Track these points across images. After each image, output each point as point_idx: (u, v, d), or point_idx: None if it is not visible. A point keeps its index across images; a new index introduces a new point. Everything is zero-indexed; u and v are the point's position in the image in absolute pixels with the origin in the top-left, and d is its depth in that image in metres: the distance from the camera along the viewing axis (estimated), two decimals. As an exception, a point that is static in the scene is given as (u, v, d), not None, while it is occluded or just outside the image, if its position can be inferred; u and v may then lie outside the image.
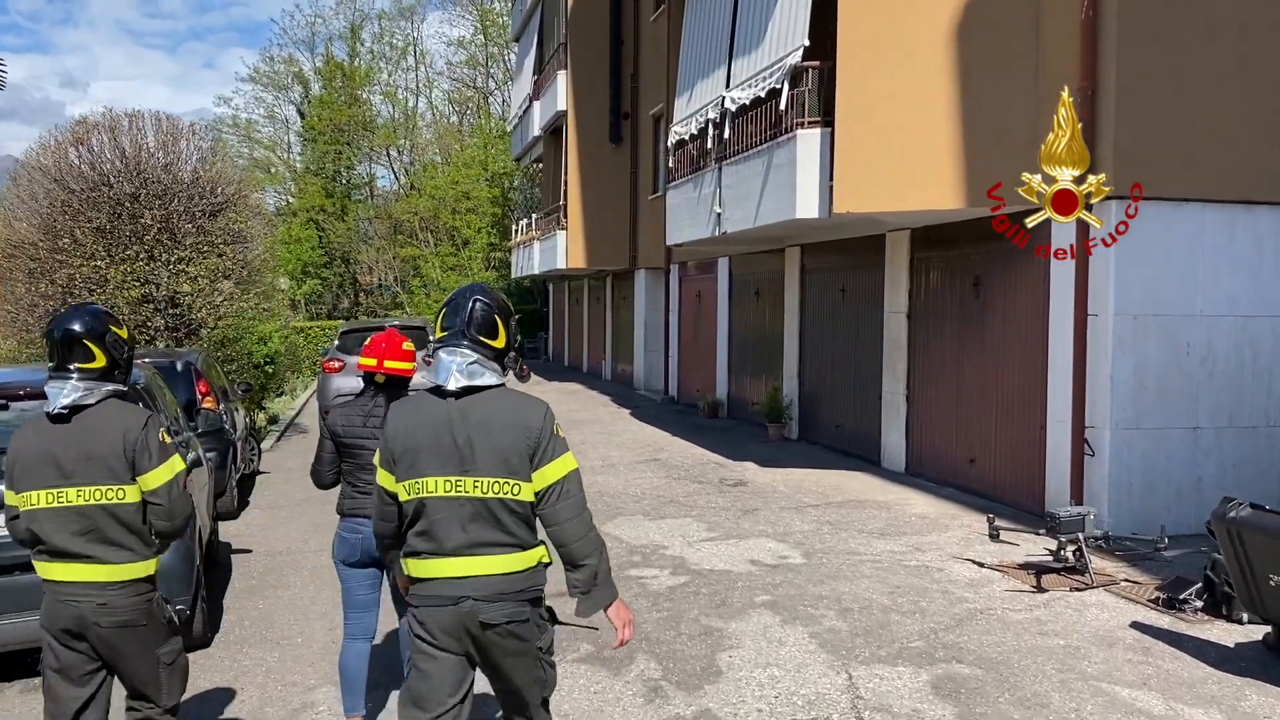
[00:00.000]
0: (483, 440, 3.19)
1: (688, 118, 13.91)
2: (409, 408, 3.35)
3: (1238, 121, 8.56)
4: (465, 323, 3.29)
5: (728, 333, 17.28)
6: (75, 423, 3.53)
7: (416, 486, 3.23)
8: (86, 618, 3.48)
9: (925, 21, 9.50)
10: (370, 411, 4.68)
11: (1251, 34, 8.58)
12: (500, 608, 3.18)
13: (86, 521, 3.48)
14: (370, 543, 4.43)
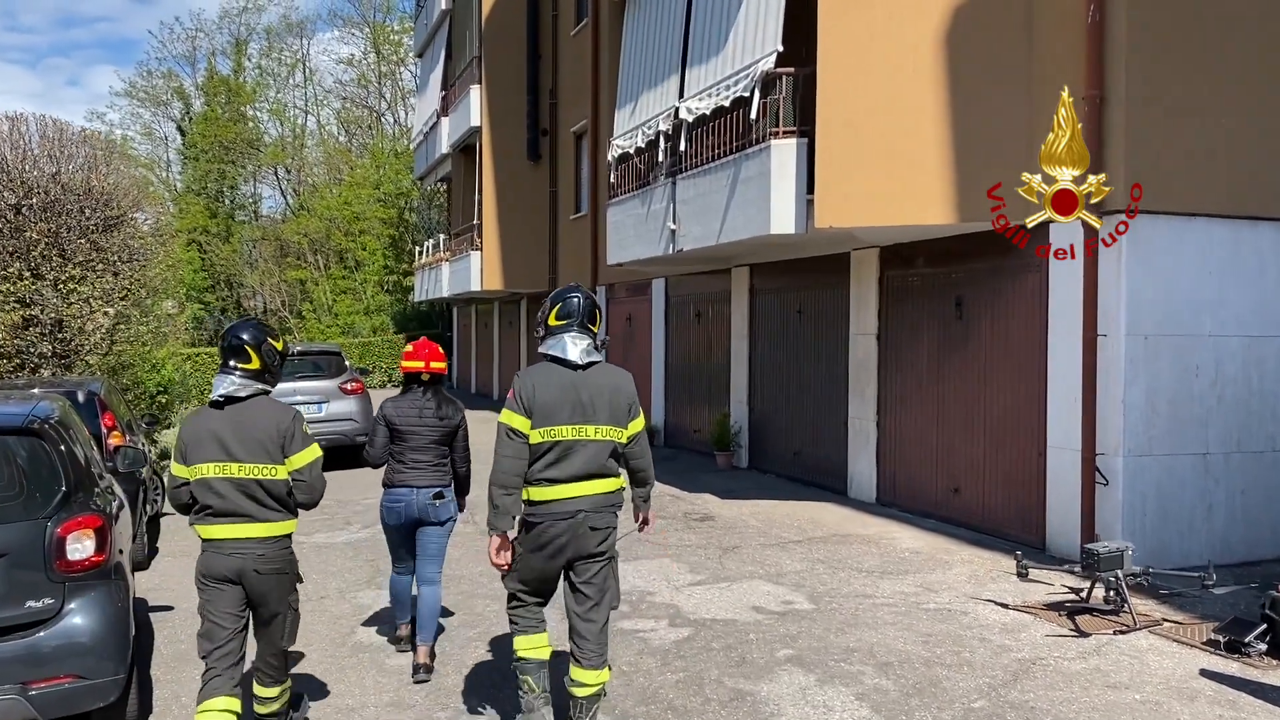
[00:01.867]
0: (600, 401, 4.60)
1: (632, 130, 13.16)
2: (541, 376, 4.60)
3: (1244, 134, 8.26)
4: (581, 314, 4.67)
5: (664, 357, 16.54)
6: (231, 412, 4.49)
7: (551, 433, 4.51)
8: (246, 567, 4.42)
9: (911, 27, 8.98)
10: (422, 405, 6.00)
11: (1261, 47, 8.29)
12: (601, 516, 4.60)
13: (246, 490, 4.43)
14: (409, 510, 5.95)
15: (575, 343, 4.62)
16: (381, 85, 47.04)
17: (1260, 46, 8.28)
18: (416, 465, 5.94)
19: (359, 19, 48.03)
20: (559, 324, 4.67)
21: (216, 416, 4.48)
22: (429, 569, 6.00)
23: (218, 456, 4.40)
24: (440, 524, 6.01)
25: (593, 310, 4.71)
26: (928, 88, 8.94)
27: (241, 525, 4.42)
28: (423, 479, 5.95)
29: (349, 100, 47.66)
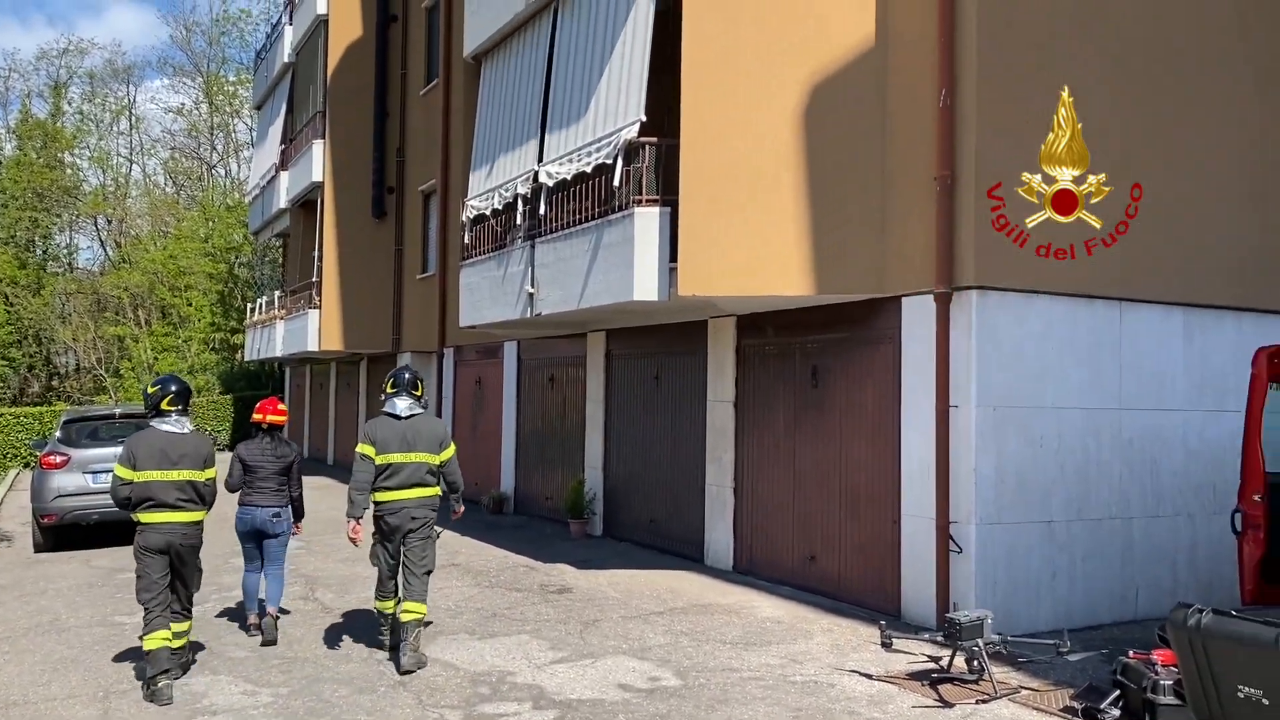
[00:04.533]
0: (419, 438, 7.59)
1: (489, 192, 12.98)
2: (382, 423, 7.62)
3: (1082, 217, 8.73)
4: (406, 385, 7.78)
5: (515, 422, 16.22)
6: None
7: (387, 458, 7.49)
8: (174, 541, 6.94)
9: (772, 105, 9.19)
10: (265, 447, 8.46)
11: (1098, 132, 8.82)
12: (420, 510, 7.52)
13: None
14: (254, 521, 8.31)
15: (401, 401, 7.72)
16: (214, 136, 45.35)
17: (1103, 135, 8.81)
18: (261, 490, 8.35)
19: (191, 68, 46.33)
20: (392, 391, 7.79)
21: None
22: (274, 567, 8.45)
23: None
24: (278, 535, 8.40)
25: (415, 381, 7.85)
26: (787, 163, 9.14)
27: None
28: (265, 500, 8.34)
29: (178, 150, 45.70)
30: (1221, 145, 9.49)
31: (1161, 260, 9.13)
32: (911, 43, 8.88)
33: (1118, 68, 8.93)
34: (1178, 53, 9.27)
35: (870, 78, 9.16)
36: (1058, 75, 8.60)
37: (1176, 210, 9.20)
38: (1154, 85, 9.12)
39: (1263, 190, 9.70)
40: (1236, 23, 9.60)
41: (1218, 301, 9.43)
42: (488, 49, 13.96)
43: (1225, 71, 9.53)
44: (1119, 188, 8.82)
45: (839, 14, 9.18)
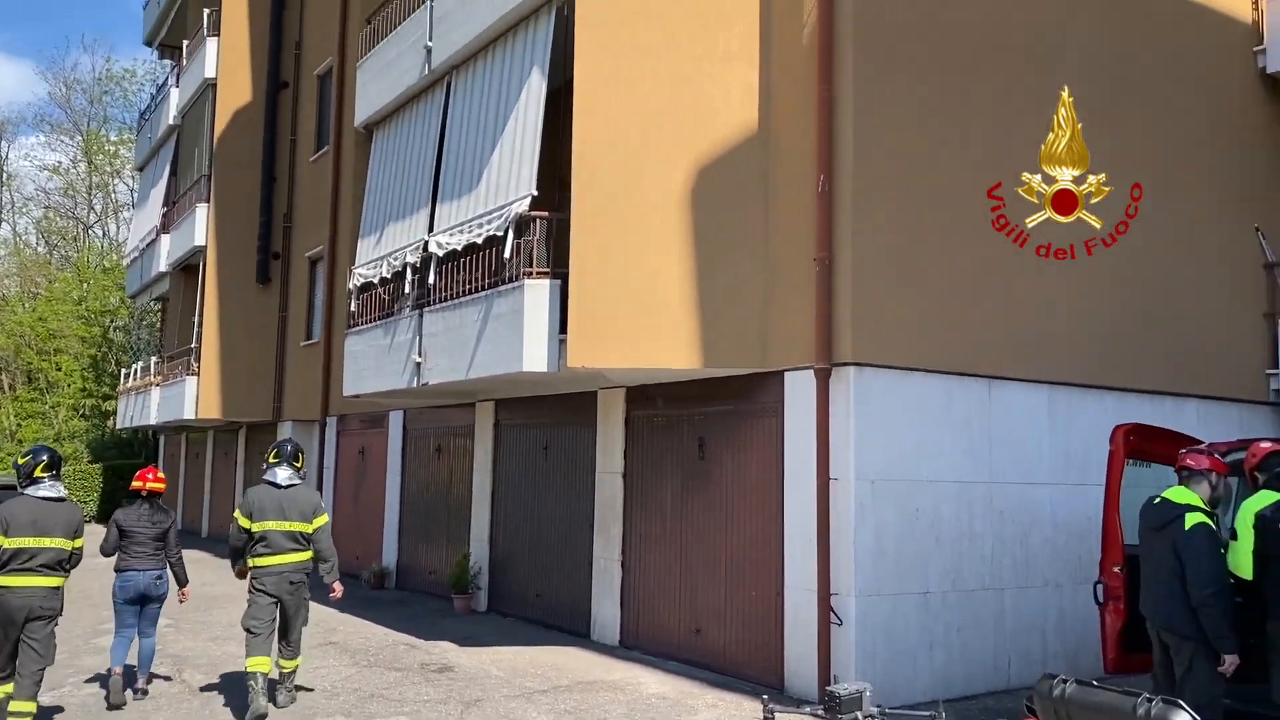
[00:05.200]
0: (294, 507, 8.24)
1: (377, 260, 12.89)
2: (261, 491, 8.30)
3: (952, 298, 9.15)
4: (288, 456, 8.47)
5: (400, 493, 15.90)
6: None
7: (264, 525, 8.16)
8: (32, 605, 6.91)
9: (662, 182, 9.42)
10: (142, 513, 8.80)
11: (966, 218, 9.29)
12: (295, 574, 8.21)
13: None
14: (138, 586, 8.58)
15: (282, 471, 8.39)
16: (92, 196, 43.96)
17: (969, 219, 9.28)
18: (139, 555, 8.62)
19: (70, 126, 44.97)
20: (275, 461, 8.45)
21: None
22: (149, 628, 8.77)
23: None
24: (160, 598, 8.75)
25: (297, 453, 8.56)
26: (675, 240, 9.35)
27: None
28: (145, 565, 8.63)
29: (52, 209, 44.10)
30: (1075, 228, 10.05)
31: (1026, 340, 9.59)
32: (793, 131, 9.24)
33: (977, 159, 9.41)
34: (1036, 148, 9.82)
35: (755, 162, 9.49)
36: (925, 163, 9.07)
37: (1037, 291, 9.69)
38: (1013, 174, 9.65)
39: (1116, 272, 10.29)
40: (1092, 127, 10.25)
41: (1079, 380, 9.93)
42: (380, 119, 13.99)
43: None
44: (975, 268, 9.28)
45: (725, 101, 9.51)
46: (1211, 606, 5.95)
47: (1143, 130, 10.59)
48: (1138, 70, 10.64)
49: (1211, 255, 11.16)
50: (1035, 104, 9.83)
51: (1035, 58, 9.85)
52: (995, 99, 9.59)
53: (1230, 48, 11.58)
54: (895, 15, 9.06)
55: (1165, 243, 10.71)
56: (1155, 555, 6.35)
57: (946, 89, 9.31)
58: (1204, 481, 6.31)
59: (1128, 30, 10.61)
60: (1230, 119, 11.48)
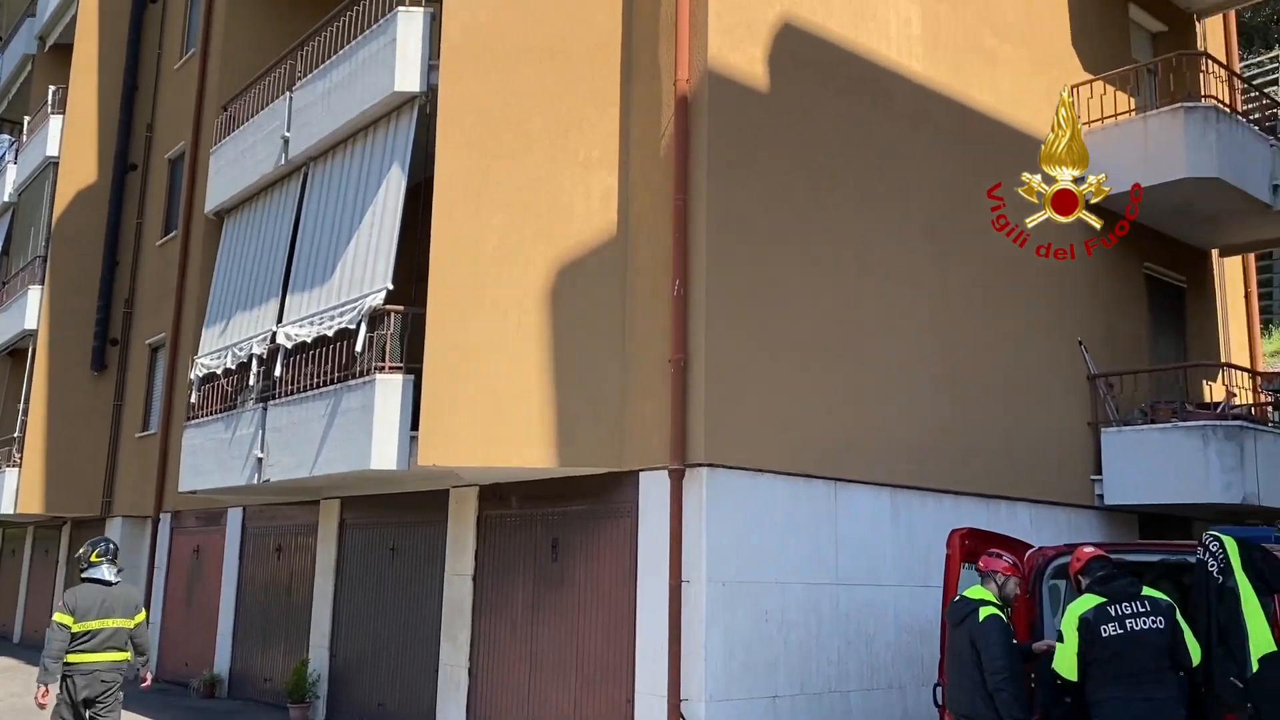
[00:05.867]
0: (117, 604, 8.29)
1: (222, 350, 12.44)
2: (84, 590, 8.23)
3: (802, 401, 9.41)
4: (110, 554, 8.48)
5: (236, 595, 15.06)
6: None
7: (86, 624, 8.07)
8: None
9: (520, 281, 9.45)
10: None
11: (817, 326, 9.61)
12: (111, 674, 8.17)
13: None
14: None
15: (105, 569, 8.40)
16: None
17: (816, 326, 9.61)
18: None
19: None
20: (97, 560, 8.44)
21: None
22: None
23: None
24: None
25: (116, 552, 8.60)
26: (532, 338, 9.36)
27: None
28: None
29: None
30: (916, 339, 10.55)
31: (869, 443, 9.91)
32: (650, 236, 9.45)
33: (823, 270, 9.83)
34: (877, 260, 10.33)
35: (613, 263, 9.63)
36: (775, 271, 9.40)
37: (878, 397, 10.07)
38: (857, 286, 10.10)
39: (951, 380, 10.79)
40: (929, 241, 10.86)
41: (920, 483, 10.29)
42: (233, 206, 13.69)
43: (918, 278, 10.70)
44: (821, 373, 9.61)
45: (585, 204, 9.67)
46: (1004, 690, 6.43)
47: (978, 247, 11.26)
48: (973, 192, 11.33)
49: (1042, 366, 11.85)
50: (883, 217, 10.37)
51: (883, 175, 10.43)
52: (846, 211, 10.06)
53: (1052, 175, 12.49)
54: (750, 130, 9.46)
55: (998, 354, 11.34)
56: (956, 649, 6.85)
57: (799, 201, 9.72)
58: (992, 581, 6.96)
59: (962, 154, 11.35)
60: (1055, 239, 12.31)
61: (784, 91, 9.74)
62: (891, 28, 10.77)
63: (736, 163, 9.33)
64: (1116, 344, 12.85)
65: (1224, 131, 12.00)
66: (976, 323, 11.17)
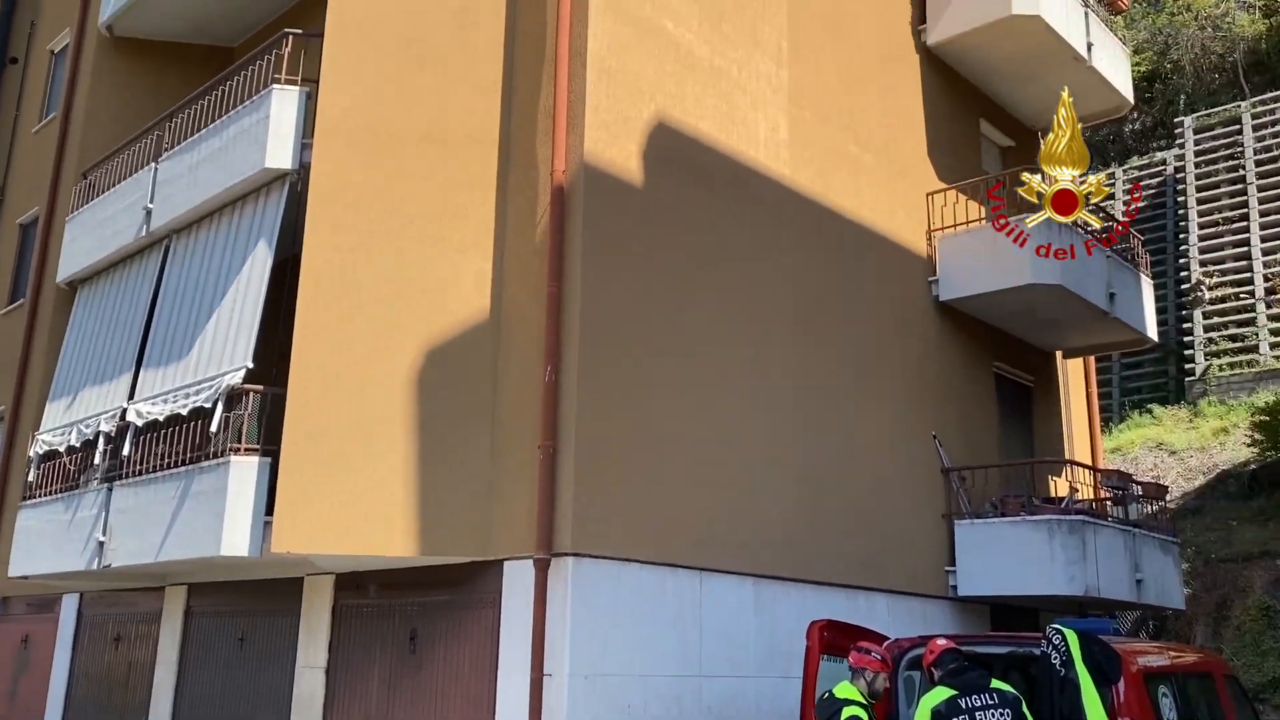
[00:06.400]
0: None
1: (67, 426, 11.82)
2: None
3: (669, 490, 9.46)
4: None
5: (66, 689, 14.03)
6: None
7: None
8: None
9: (388, 363, 9.32)
10: None
11: (686, 412, 9.73)
12: None
13: None
14: None
15: None
16: None
17: (684, 416, 9.73)
18: None
19: None
20: None
21: None
22: None
23: None
24: None
25: None
26: (398, 422, 9.20)
27: None
28: None
29: None
30: (781, 431, 10.79)
31: (733, 533, 10.01)
32: (523, 321, 9.47)
33: (692, 361, 10.00)
34: (744, 354, 10.58)
35: (485, 348, 9.59)
36: (646, 361, 9.53)
37: (744, 487, 10.22)
38: (724, 378, 10.31)
39: (814, 471, 11.05)
40: (793, 336, 11.21)
41: (782, 573, 10.42)
42: (87, 276, 13.18)
43: (783, 372, 11.00)
44: (689, 463, 9.73)
45: (458, 288, 9.64)
46: None
47: (839, 344, 11.68)
48: (835, 291, 11.82)
49: (900, 460, 12.25)
50: (751, 312, 10.65)
51: (751, 271, 10.75)
52: (715, 305, 10.29)
53: (911, 276, 13.12)
54: (623, 222, 9.63)
55: (860, 447, 11.68)
56: None
57: (670, 294, 9.90)
58: (861, 678, 7.07)
59: (825, 254, 11.82)
60: (912, 338, 12.89)
61: (657, 187, 10.00)
62: (761, 132, 11.23)
63: (610, 253, 9.49)
64: (970, 439, 13.42)
65: (1066, 240, 12.83)
66: (839, 416, 11.52)
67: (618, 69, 9.73)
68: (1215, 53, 30.48)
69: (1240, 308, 23.69)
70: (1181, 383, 23.70)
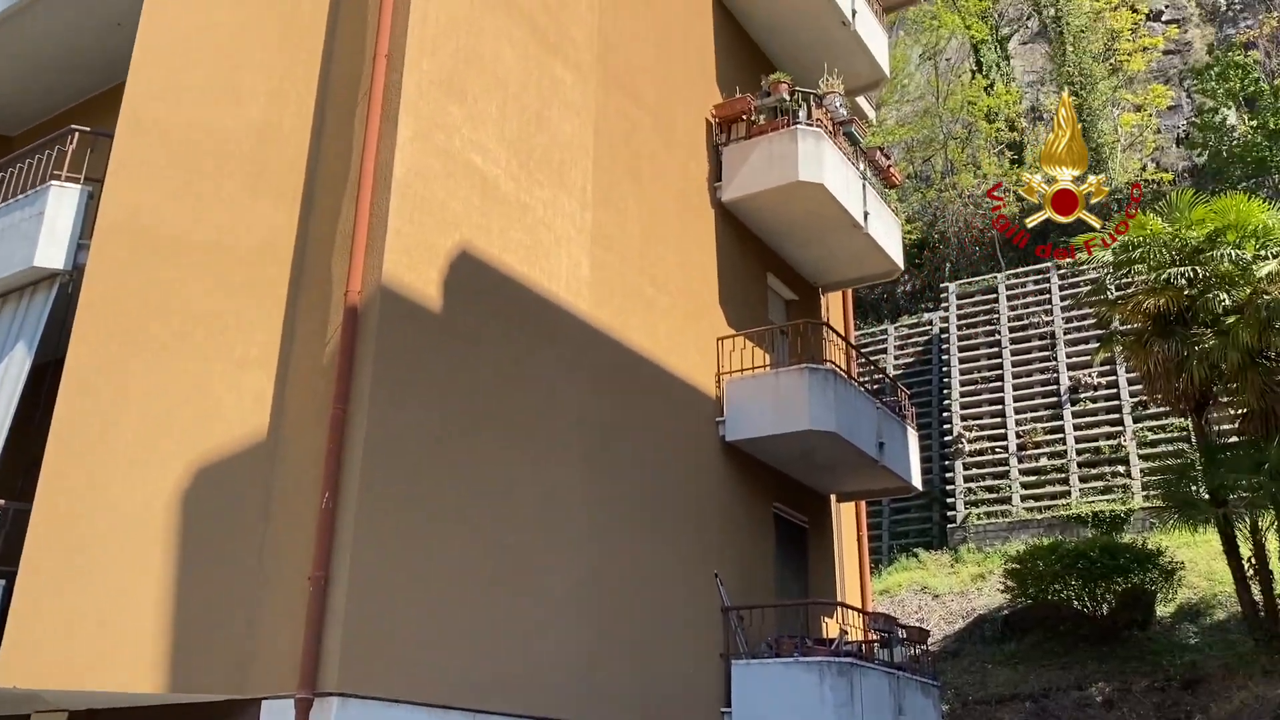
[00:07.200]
0: None
1: None
2: None
3: (443, 627, 9.15)
4: None
5: None
6: None
7: None
8: None
9: (149, 481, 8.72)
10: None
11: (464, 553, 9.51)
12: None
13: None
14: None
15: None
16: None
17: (467, 551, 9.51)
18: None
19: None
20: None
21: None
22: None
23: None
24: None
25: None
26: (156, 545, 8.57)
27: None
28: None
29: None
30: (565, 569, 10.72)
31: (511, 673, 9.75)
32: (303, 445, 9.10)
33: (479, 495, 9.84)
34: (532, 489, 10.53)
35: (259, 472, 9.13)
36: (430, 492, 9.33)
37: (525, 626, 10.03)
38: (511, 514, 10.19)
39: (597, 610, 10.98)
40: (583, 473, 11.28)
41: (560, 714, 10.18)
42: None
43: (570, 509, 10.99)
44: (468, 599, 9.49)
45: (235, 406, 9.21)
46: None
47: (629, 480, 11.83)
48: (627, 427, 12.03)
49: (682, 598, 12.37)
50: (542, 447, 10.65)
51: (544, 405, 10.80)
52: (506, 439, 10.23)
53: (700, 416, 13.53)
54: (418, 349, 9.53)
55: (643, 585, 11.73)
56: None
57: (461, 425, 9.78)
58: None
59: (620, 391, 12.06)
60: (698, 477, 13.21)
61: (456, 315, 9.99)
62: (563, 268, 11.48)
63: (402, 379, 9.33)
64: (748, 578, 13.73)
65: (840, 392, 13.63)
66: (626, 553, 11.57)
67: (423, 196, 9.79)
68: (976, 227, 33.79)
69: (996, 461, 25.67)
70: (945, 529, 25.24)
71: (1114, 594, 18.61)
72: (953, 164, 36.78)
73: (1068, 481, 24.34)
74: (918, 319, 31.04)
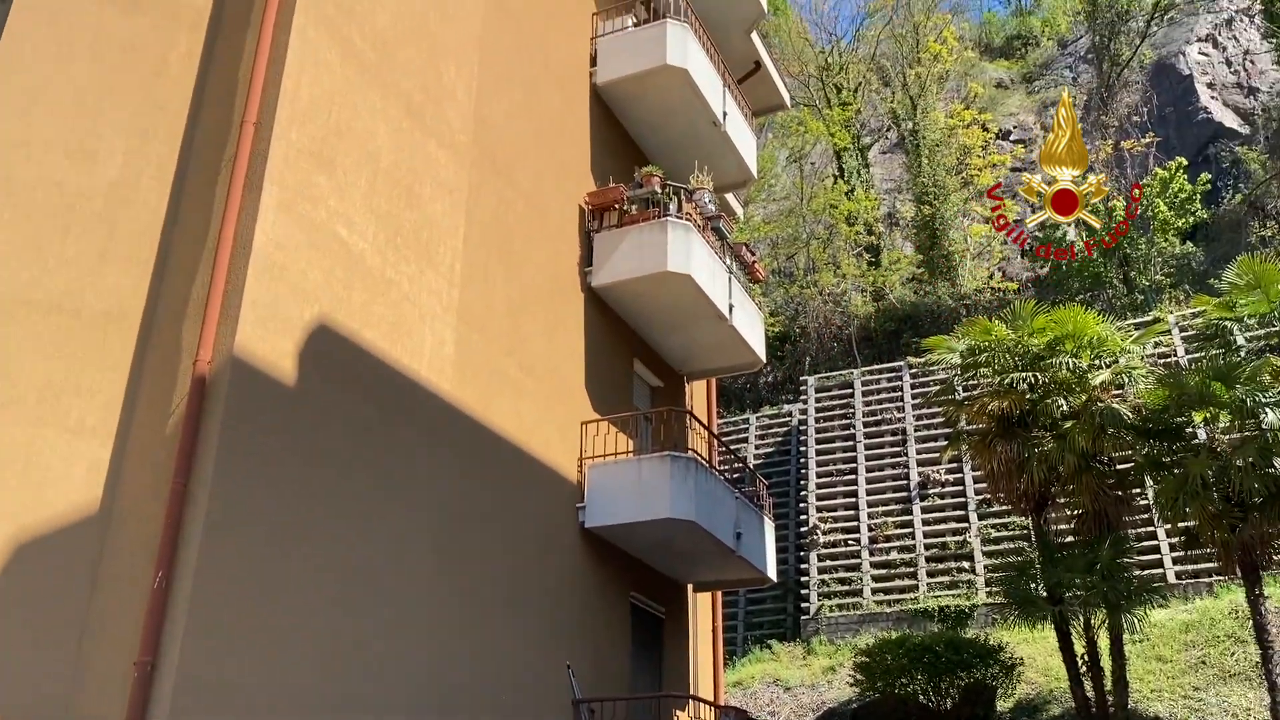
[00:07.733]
0: None
1: None
2: None
3: (283, 714, 8.65)
4: None
5: None
6: None
7: None
8: None
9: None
10: None
11: (309, 638, 9.07)
12: None
13: None
14: None
15: None
16: None
17: (312, 638, 9.07)
18: None
19: None
20: None
21: None
22: None
23: None
24: None
25: None
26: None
27: None
28: None
29: None
30: (413, 656, 10.34)
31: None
32: (138, 519, 8.61)
33: (327, 579, 9.48)
34: (383, 572, 10.19)
35: (87, 547, 8.56)
36: (275, 575, 8.90)
37: (372, 712, 9.59)
38: (360, 598, 9.82)
39: (444, 698, 10.60)
40: (435, 556, 10.98)
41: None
42: None
43: (421, 593, 10.66)
44: (309, 686, 9.04)
45: (66, 475, 8.68)
46: None
47: (483, 563, 11.55)
48: (485, 509, 11.79)
49: (531, 689, 12.05)
50: (394, 529, 10.32)
51: (398, 486, 10.50)
52: (358, 520, 9.88)
53: (560, 501, 13.39)
54: (269, 422, 9.17)
55: (493, 673, 11.39)
56: None
57: (311, 504, 9.41)
58: None
59: (479, 471, 11.84)
60: (556, 563, 13.02)
61: (311, 389, 9.68)
62: (426, 345, 11.31)
63: (249, 454, 8.94)
64: (601, 668, 13.51)
65: (701, 481, 13.73)
66: (477, 639, 11.24)
67: (283, 266, 9.53)
68: (835, 324, 34.97)
69: (848, 553, 26.17)
70: (799, 620, 25.48)
71: (958, 688, 19.00)
72: (814, 262, 38.17)
73: (916, 575, 24.97)
74: (778, 410, 31.72)
